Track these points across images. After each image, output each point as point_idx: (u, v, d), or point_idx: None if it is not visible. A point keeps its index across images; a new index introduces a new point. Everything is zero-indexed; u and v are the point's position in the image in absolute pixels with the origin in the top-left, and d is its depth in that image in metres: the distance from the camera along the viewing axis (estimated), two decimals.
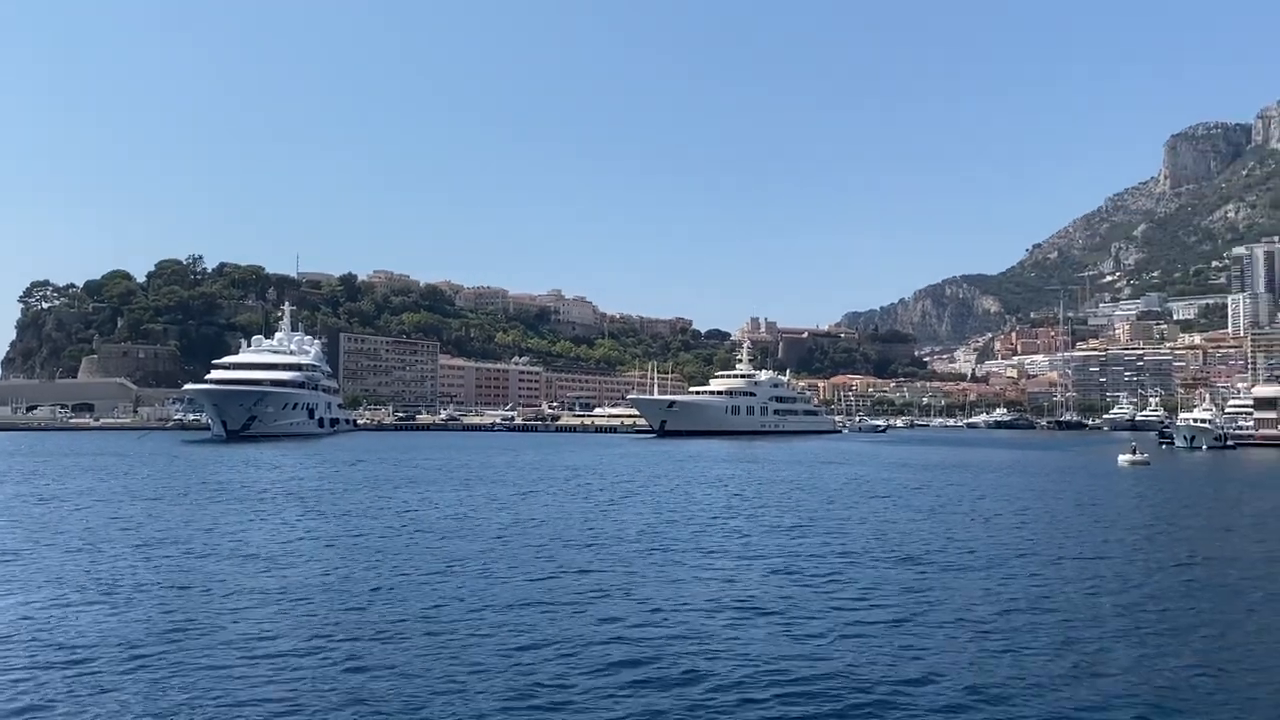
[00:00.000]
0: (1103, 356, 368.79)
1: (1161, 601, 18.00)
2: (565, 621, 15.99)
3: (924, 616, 16.53)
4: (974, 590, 18.91)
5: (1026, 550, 24.79)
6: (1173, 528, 30.46)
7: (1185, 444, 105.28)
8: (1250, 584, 19.96)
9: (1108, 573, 21.28)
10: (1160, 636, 15.30)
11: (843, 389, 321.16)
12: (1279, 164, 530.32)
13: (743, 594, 18.50)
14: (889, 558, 23.31)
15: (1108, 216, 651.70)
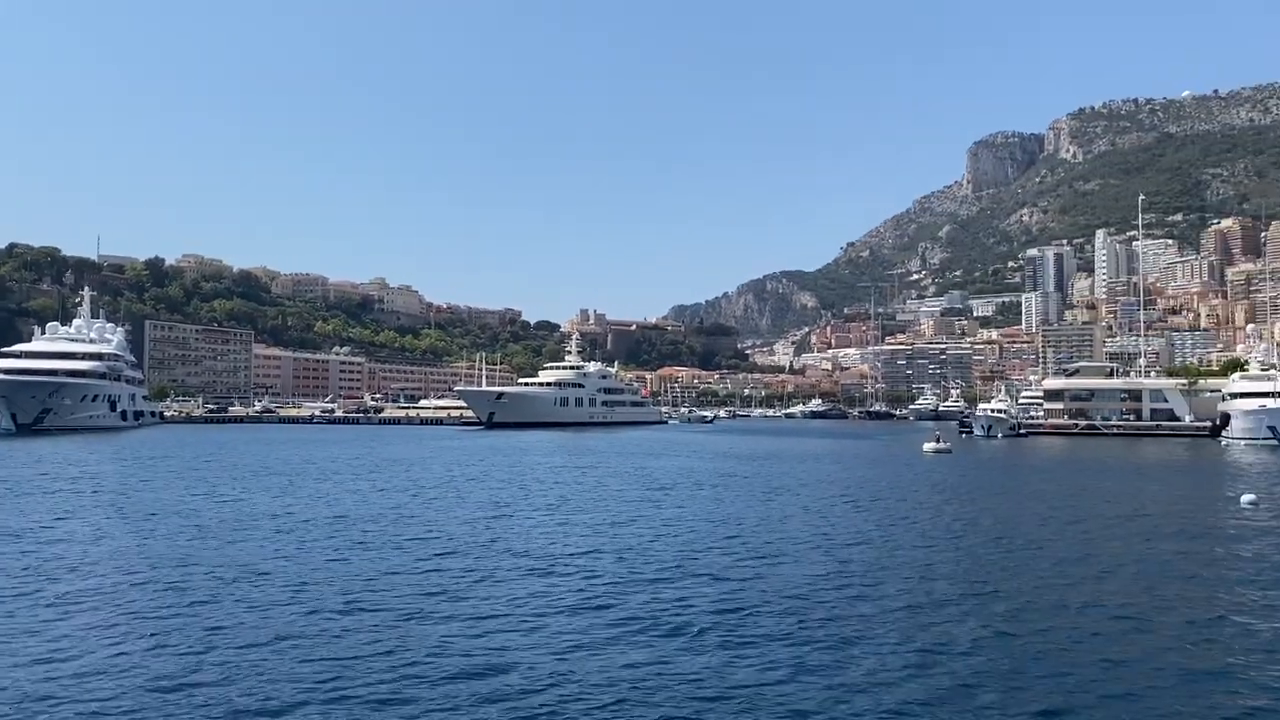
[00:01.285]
0: (909, 350, 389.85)
1: (976, 575, 19.33)
2: (377, 631, 15.69)
3: (755, 602, 17.16)
4: (805, 574, 19.77)
5: (848, 538, 26.03)
6: (973, 510, 32.64)
7: (983, 433, 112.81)
8: (1038, 554, 21.69)
9: (919, 555, 22.64)
10: (967, 602, 16.45)
11: (669, 380, 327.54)
12: (1068, 172, 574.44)
13: (572, 592, 18.69)
14: (716, 553, 24.01)
15: (915, 218, 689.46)
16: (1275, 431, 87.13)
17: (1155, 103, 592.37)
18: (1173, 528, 28.24)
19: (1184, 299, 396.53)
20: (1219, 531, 27.58)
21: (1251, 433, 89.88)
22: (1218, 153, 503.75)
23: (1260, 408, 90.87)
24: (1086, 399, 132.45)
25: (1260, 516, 31.02)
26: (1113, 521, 29.92)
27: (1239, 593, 18.32)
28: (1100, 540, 25.60)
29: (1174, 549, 24.03)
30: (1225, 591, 18.45)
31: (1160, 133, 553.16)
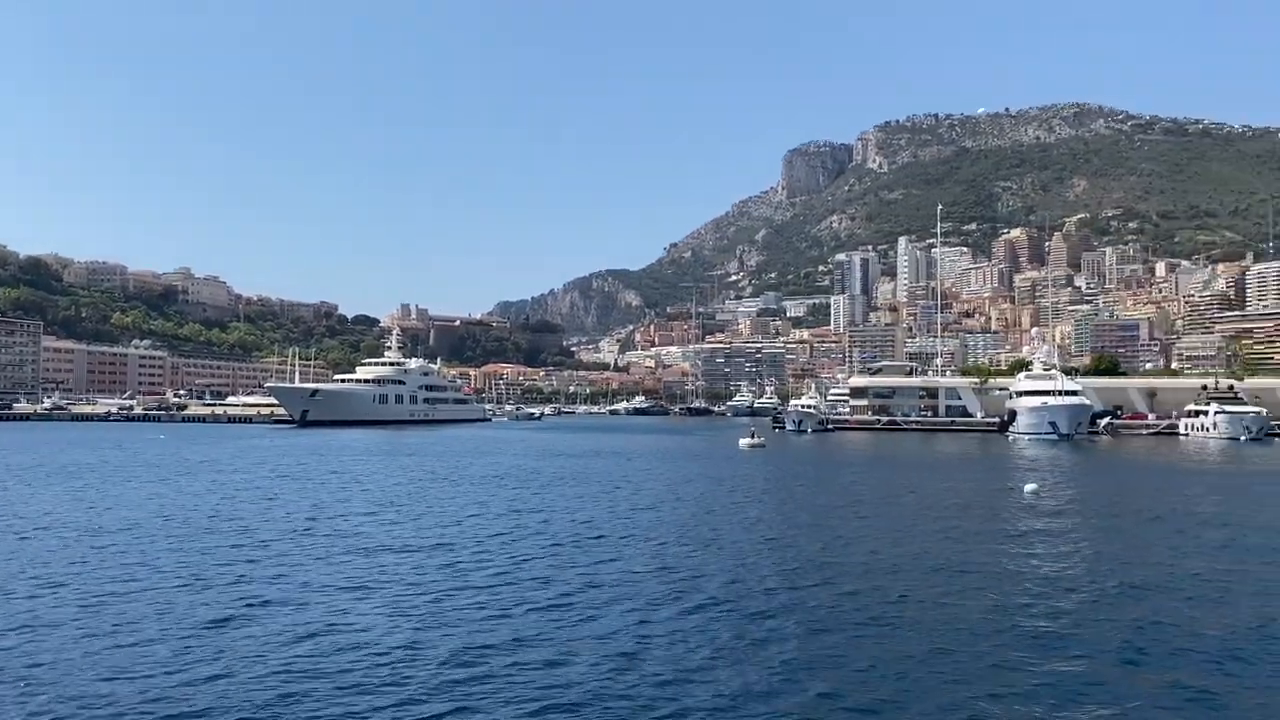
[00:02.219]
0: (728, 349, 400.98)
1: (790, 562, 20.24)
2: (168, 643, 15.10)
3: (608, 596, 17.42)
4: (642, 569, 20.17)
5: (674, 532, 26.65)
6: (785, 502, 34.10)
7: (795, 428, 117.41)
8: (851, 542, 22.97)
9: (737, 546, 23.48)
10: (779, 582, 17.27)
11: (494, 378, 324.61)
12: (874, 182, 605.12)
13: (386, 604, 18.43)
14: (539, 554, 24.15)
15: (734, 221, 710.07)
16: (1055, 427, 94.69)
17: (954, 119, 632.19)
18: (965, 514, 30.41)
19: (977, 303, 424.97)
20: (1005, 516, 29.90)
21: (1035, 428, 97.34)
22: (1008, 167, 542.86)
23: (1042, 405, 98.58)
24: (889, 396, 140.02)
25: (1041, 504, 33.82)
26: (914, 510, 31.93)
27: (1027, 572, 19.96)
28: (904, 528, 27.24)
29: (970, 528, 25.93)
30: (1012, 574, 20.04)
31: (958, 147, 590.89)
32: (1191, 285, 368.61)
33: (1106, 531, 27.07)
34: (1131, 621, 15.62)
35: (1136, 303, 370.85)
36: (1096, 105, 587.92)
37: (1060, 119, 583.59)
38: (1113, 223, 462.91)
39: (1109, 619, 15.86)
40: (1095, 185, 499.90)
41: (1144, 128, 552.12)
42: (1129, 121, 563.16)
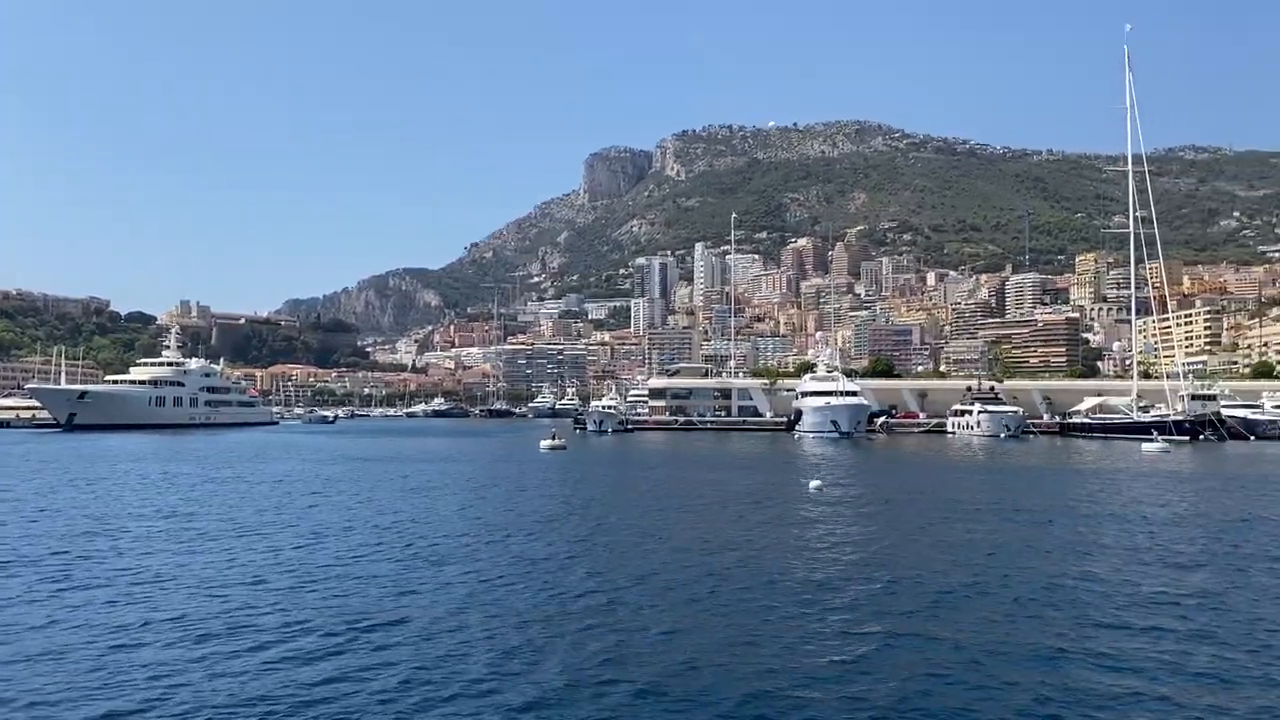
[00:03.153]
0: (530, 350, 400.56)
1: (594, 564, 20.53)
2: None
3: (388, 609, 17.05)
4: (438, 580, 19.88)
5: (477, 536, 26.45)
6: (585, 502, 34.54)
7: (596, 428, 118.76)
8: (649, 539, 23.57)
9: (538, 548, 23.60)
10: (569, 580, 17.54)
11: (282, 379, 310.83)
12: (673, 189, 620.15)
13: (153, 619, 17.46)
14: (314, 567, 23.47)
15: (537, 222, 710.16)
16: (837, 425, 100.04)
17: (747, 131, 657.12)
18: (758, 508, 31.80)
19: (767, 308, 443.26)
20: (792, 510, 31.48)
21: (819, 426, 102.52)
22: (796, 179, 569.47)
23: (826, 405, 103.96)
24: (685, 397, 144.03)
25: (824, 498, 35.78)
26: (712, 506, 33.08)
27: (807, 558, 21.13)
28: (698, 522, 28.19)
29: (758, 520, 27.15)
30: (795, 562, 21.16)
31: (750, 158, 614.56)
32: (958, 293, 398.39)
33: (883, 518, 29.01)
34: (890, 582, 16.94)
35: (910, 309, 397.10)
36: (876, 123, 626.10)
37: (843, 135, 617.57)
38: (889, 234, 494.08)
39: (873, 581, 17.10)
40: (874, 199, 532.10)
41: (918, 146, 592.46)
42: (904, 140, 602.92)
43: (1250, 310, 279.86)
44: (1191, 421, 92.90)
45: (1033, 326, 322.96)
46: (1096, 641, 14.20)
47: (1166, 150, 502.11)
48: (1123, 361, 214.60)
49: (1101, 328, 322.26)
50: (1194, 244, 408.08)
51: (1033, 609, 16.35)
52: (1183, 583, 18.74)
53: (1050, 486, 42.59)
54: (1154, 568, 20.47)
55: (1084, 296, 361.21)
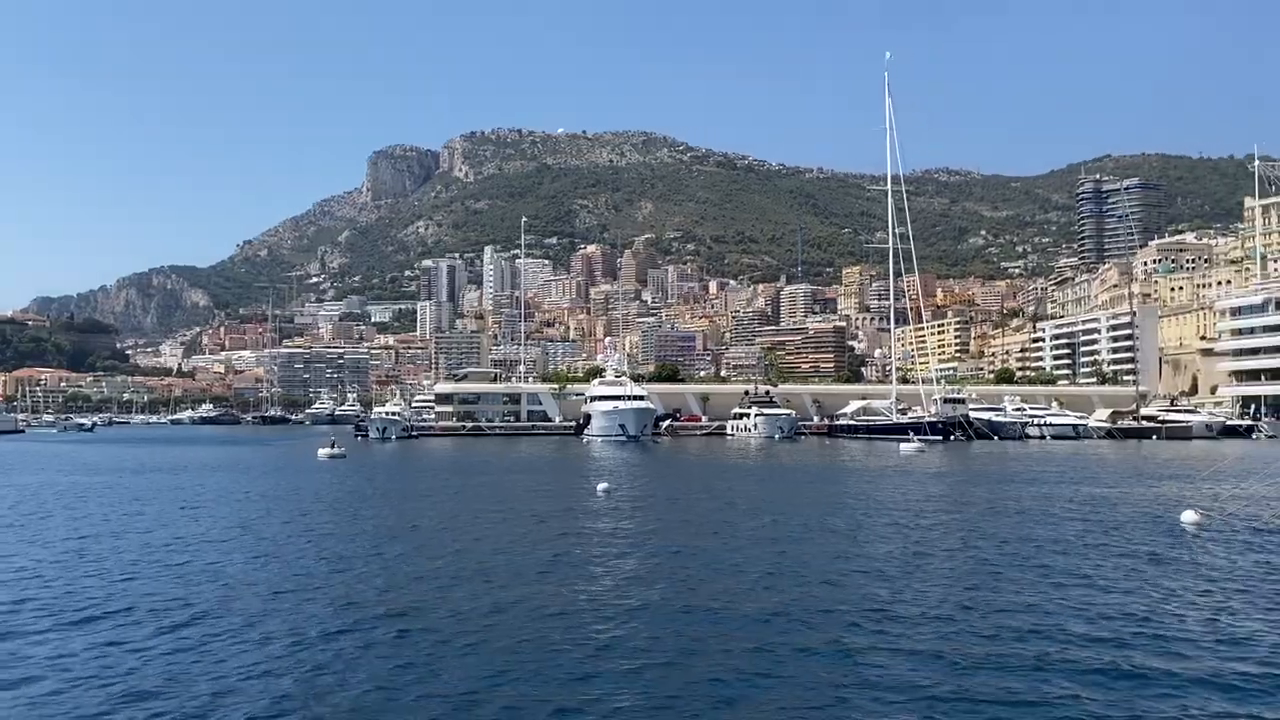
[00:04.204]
0: (308, 354, 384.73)
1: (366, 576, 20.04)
2: None
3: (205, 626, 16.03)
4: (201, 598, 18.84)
5: (243, 554, 25.26)
6: (371, 513, 33.68)
7: (378, 435, 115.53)
8: (426, 547, 23.28)
9: (309, 565, 22.83)
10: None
11: (30, 383, 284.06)
12: (461, 190, 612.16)
13: None
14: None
15: (316, 220, 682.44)
16: (624, 429, 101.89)
17: (536, 135, 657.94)
18: (546, 512, 32.03)
19: (557, 313, 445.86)
20: (578, 512, 31.93)
21: (607, 430, 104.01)
22: (585, 186, 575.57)
23: (613, 409, 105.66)
24: (474, 402, 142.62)
25: (611, 501, 36.45)
26: (494, 510, 33.03)
27: (595, 560, 21.57)
28: (482, 528, 28.08)
29: (546, 524, 27.39)
30: (584, 565, 21.57)
31: (540, 163, 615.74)
32: (738, 302, 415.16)
33: (669, 517, 29.95)
34: (687, 573, 17.66)
35: (694, 317, 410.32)
36: (662, 135, 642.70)
37: (630, 145, 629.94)
38: (674, 243, 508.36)
39: (665, 577, 17.75)
40: (660, 208, 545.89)
41: (701, 159, 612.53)
42: (688, 153, 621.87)
43: (994, 321, 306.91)
44: (943, 423, 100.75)
45: (804, 334, 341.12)
46: (871, 619, 15.36)
47: (923, 172, 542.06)
48: (884, 367, 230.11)
49: (865, 336, 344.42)
50: (946, 259, 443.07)
51: (802, 593, 17.44)
52: (939, 567, 20.51)
53: (818, 483, 45.25)
54: (913, 551, 22.26)
55: (850, 306, 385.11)
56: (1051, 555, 22.31)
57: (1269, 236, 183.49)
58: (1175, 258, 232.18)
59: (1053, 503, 35.08)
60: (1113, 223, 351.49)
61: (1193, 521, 27.14)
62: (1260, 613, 16.00)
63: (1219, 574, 19.66)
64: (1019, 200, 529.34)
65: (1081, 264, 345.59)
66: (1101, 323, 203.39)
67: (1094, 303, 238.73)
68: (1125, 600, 17.01)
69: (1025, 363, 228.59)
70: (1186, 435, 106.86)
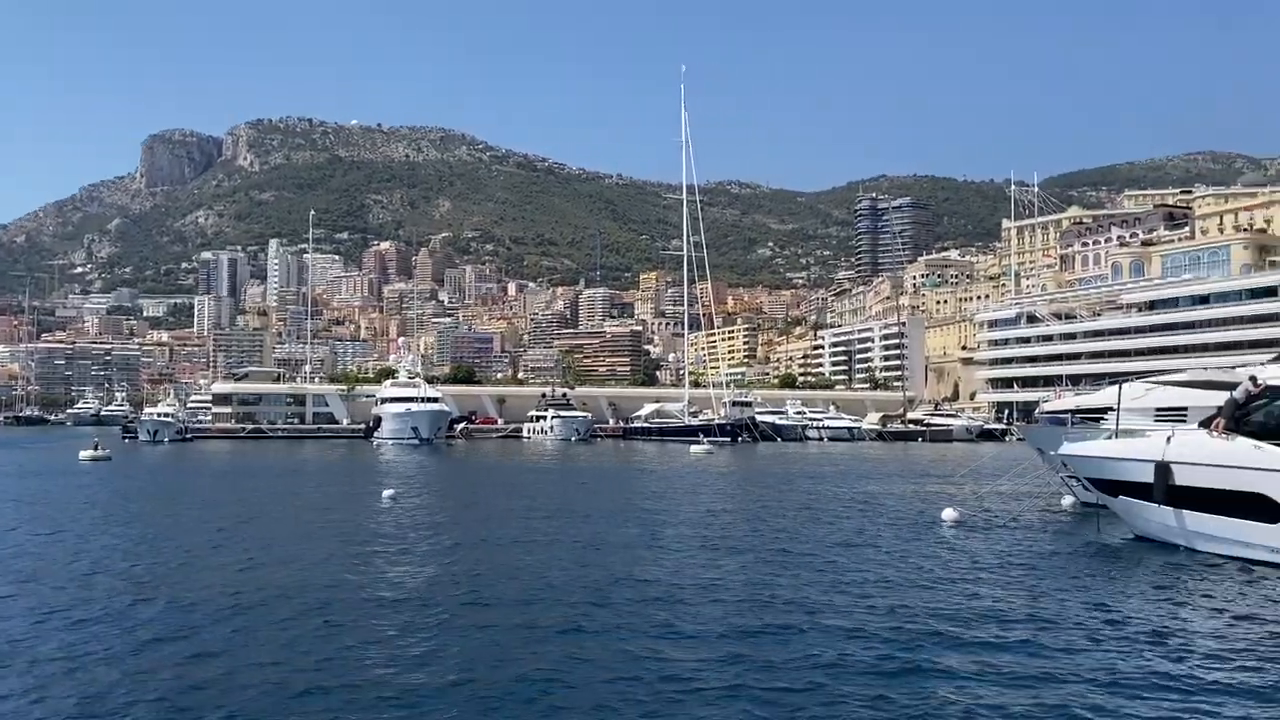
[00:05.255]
0: (70, 350, 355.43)
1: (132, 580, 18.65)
2: None
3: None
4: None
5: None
6: (133, 521, 31.43)
7: (149, 438, 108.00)
8: (212, 554, 21.96)
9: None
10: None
11: None
12: (244, 179, 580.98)
13: None
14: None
15: (82, 206, 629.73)
16: (417, 432, 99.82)
17: (328, 126, 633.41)
18: (325, 519, 30.89)
19: (347, 311, 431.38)
20: (363, 520, 30.98)
21: (398, 433, 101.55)
22: (380, 181, 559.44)
23: (406, 411, 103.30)
24: (255, 403, 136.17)
25: (398, 507, 35.54)
26: (269, 518, 31.59)
27: (371, 569, 20.98)
28: (253, 536, 26.77)
29: (325, 532, 26.41)
30: (365, 576, 20.95)
31: (331, 155, 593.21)
32: (536, 305, 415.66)
33: (459, 523, 29.59)
34: (465, 578, 17.48)
35: (491, 318, 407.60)
36: (460, 132, 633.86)
37: (428, 141, 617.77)
38: (473, 243, 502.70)
39: (447, 588, 17.52)
40: (458, 207, 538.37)
41: (500, 159, 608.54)
42: (488, 152, 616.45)
43: (780, 328, 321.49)
44: (732, 425, 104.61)
45: (602, 337, 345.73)
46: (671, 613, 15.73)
47: (716, 183, 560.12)
48: (678, 371, 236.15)
49: (660, 340, 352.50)
50: (737, 268, 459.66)
51: (596, 594, 17.64)
52: (722, 560, 21.27)
53: (613, 484, 45.99)
54: (701, 547, 22.99)
55: (646, 311, 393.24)
56: (827, 550, 23.56)
57: (1023, 255, 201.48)
58: (941, 273, 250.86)
59: (828, 500, 37.11)
60: (887, 239, 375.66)
61: (952, 519, 29.33)
62: (1002, 592, 17.55)
63: (972, 563, 21.37)
64: (804, 214, 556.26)
65: (858, 276, 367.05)
66: (875, 332, 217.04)
67: (869, 313, 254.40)
68: (891, 590, 18.16)
69: (807, 368, 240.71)
70: (948, 438, 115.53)
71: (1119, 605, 16.80)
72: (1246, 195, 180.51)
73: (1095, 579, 19.59)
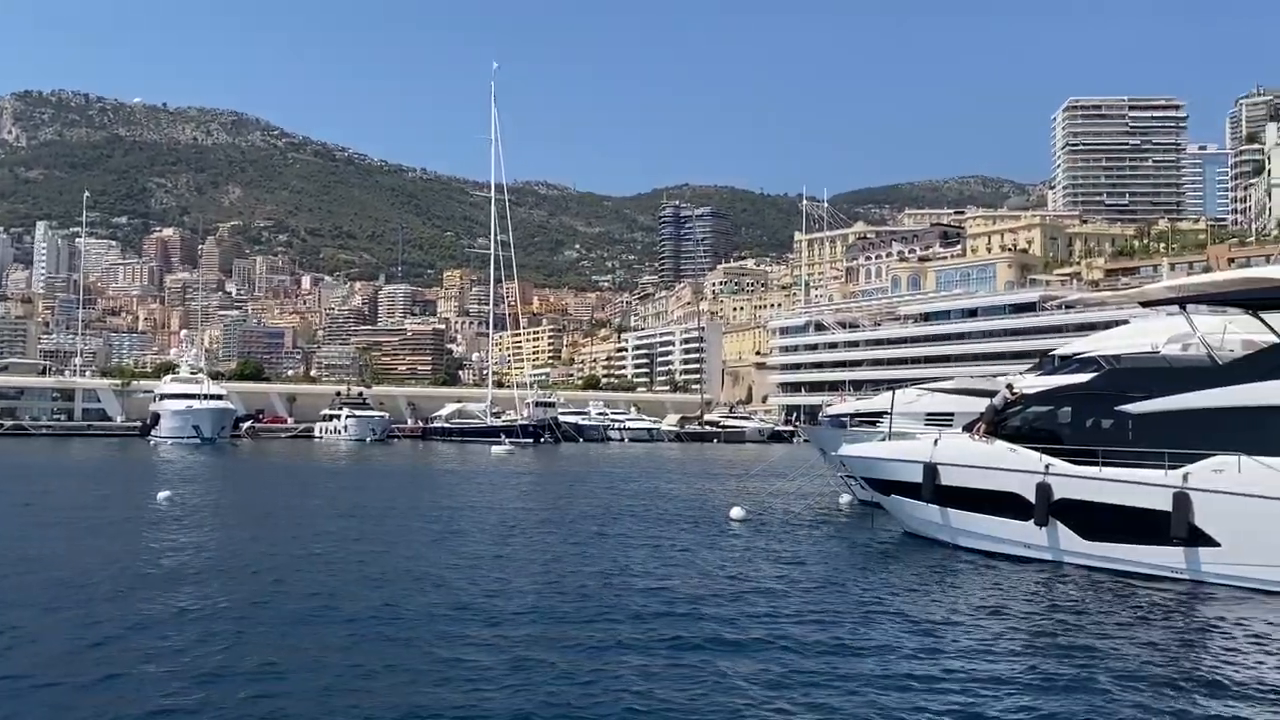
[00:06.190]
0: None
1: None
2: None
3: None
4: None
5: None
6: None
7: None
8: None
9: None
10: None
11: None
12: (9, 155, 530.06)
13: None
14: None
15: None
16: (199, 430, 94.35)
17: (107, 102, 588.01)
18: (95, 524, 28.69)
19: (125, 301, 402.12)
20: (132, 524, 28.99)
21: (179, 431, 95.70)
22: (163, 164, 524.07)
23: (187, 408, 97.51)
24: (15, 397, 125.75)
25: (174, 511, 33.43)
26: (22, 526, 29.08)
27: (137, 577, 19.69)
28: (18, 542, 24.61)
29: (89, 538, 24.58)
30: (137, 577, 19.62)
31: (110, 133, 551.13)
32: (333, 299, 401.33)
33: (237, 527, 28.19)
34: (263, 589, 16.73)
35: (283, 312, 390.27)
36: (254, 117, 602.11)
37: (218, 124, 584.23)
38: (265, 233, 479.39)
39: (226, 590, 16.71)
40: (250, 194, 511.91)
41: (297, 147, 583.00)
42: (284, 138, 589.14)
43: (585, 330, 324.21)
44: (535, 426, 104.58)
45: (403, 335, 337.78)
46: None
47: (524, 183, 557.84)
48: (481, 371, 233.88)
49: (464, 339, 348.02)
50: (543, 269, 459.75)
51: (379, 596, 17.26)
52: (521, 557, 21.27)
53: (408, 486, 45.03)
54: (494, 554, 22.89)
55: (450, 310, 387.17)
56: (616, 547, 24.05)
57: (813, 267, 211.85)
58: (738, 281, 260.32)
59: (623, 499, 37.83)
60: (689, 246, 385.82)
61: (739, 517, 30.48)
62: (777, 586, 18.47)
63: (753, 559, 22.33)
64: (610, 219, 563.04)
65: (661, 281, 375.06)
66: (676, 336, 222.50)
67: (671, 317, 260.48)
68: (670, 586, 18.73)
69: (611, 370, 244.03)
70: (741, 439, 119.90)
71: (888, 599, 17.97)
72: (1011, 218, 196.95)
73: (866, 574, 20.88)
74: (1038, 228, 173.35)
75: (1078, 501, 20.64)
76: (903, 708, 11.58)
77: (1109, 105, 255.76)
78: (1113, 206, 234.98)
